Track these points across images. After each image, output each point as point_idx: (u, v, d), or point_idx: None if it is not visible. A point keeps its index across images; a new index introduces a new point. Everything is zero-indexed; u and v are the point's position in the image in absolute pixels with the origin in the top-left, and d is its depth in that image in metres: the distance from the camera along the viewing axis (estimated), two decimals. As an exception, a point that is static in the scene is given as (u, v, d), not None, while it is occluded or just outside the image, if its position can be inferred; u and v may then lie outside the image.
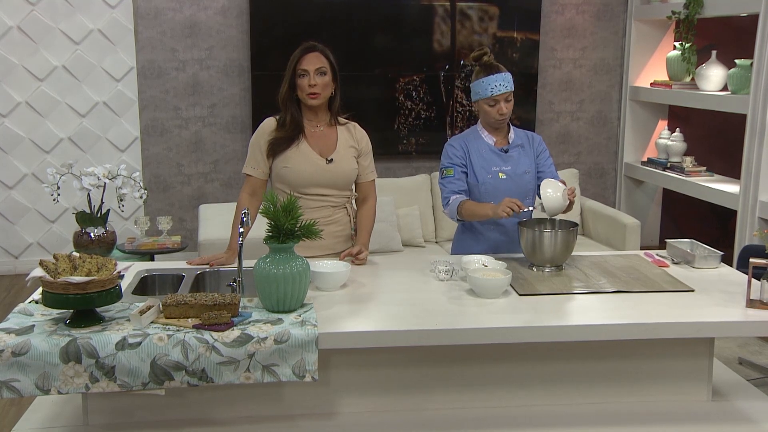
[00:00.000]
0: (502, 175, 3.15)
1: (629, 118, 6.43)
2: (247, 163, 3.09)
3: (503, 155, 3.17)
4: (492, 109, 3.09)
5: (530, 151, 3.22)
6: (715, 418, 2.57)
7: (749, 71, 4.98)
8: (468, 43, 6.02)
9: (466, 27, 6.02)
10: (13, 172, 5.74)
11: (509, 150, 3.18)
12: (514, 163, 3.17)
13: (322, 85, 2.99)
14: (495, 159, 3.17)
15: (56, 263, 2.29)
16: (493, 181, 3.14)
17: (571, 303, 2.56)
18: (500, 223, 3.16)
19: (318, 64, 2.98)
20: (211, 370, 2.17)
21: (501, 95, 3.07)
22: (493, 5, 6.00)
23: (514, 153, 3.19)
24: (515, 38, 6.13)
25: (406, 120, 6.07)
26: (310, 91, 2.99)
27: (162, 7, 5.74)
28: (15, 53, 5.59)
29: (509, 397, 2.59)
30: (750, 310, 2.50)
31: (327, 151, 3.07)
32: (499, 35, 6.09)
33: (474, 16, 6.01)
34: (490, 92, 3.07)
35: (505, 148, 3.18)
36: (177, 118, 5.91)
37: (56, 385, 2.14)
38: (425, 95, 6.07)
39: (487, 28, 6.06)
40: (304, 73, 2.98)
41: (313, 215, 2.96)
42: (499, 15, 6.04)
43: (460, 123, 6.14)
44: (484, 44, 6.03)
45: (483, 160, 3.17)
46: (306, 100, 3.01)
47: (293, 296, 2.37)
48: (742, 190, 4.96)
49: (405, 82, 6.03)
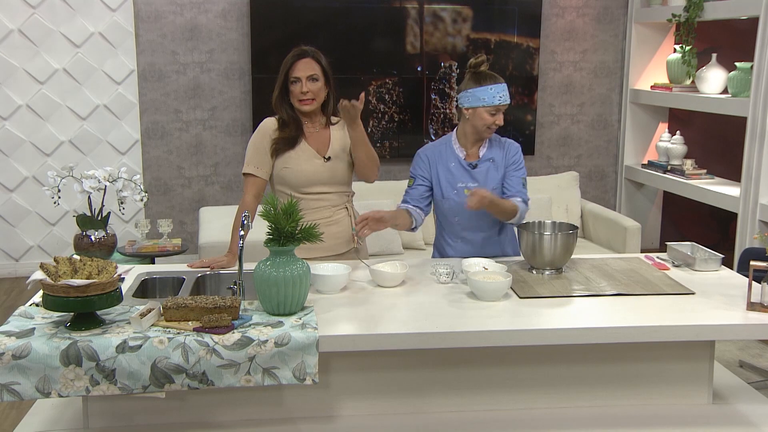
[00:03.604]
0: (468, 192, 3.02)
1: (629, 121, 6.43)
2: (248, 163, 3.07)
3: (471, 171, 3.10)
4: (491, 117, 3.02)
5: (501, 165, 3.12)
6: (715, 422, 2.56)
7: (749, 74, 4.98)
8: (442, 45, 6.00)
9: (451, 29, 6.01)
10: (13, 175, 5.74)
11: (478, 165, 3.10)
12: (482, 179, 3.08)
13: (314, 91, 3.00)
14: (462, 174, 3.10)
15: (57, 266, 2.29)
16: (458, 197, 3.07)
17: (572, 306, 2.56)
18: (466, 237, 3.15)
19: (310, 71, 2.99)
20: (212, 373, 2.17)
21: (503, 106, 3.03)
22: (467, 6, 5.99)
23: (483, 168, 3.10)
24: (515, 42, 6.13)
25: (379, 123, 6.05)
26: (303, 98, 2.99)
27: (162, 10, 5.75)
28: (16, 56, 5.59)
29: (509, 400, 2.59)
30: (750, 313, 2.50)
31: (323, 149, 3.08)
32: (497, 39, 6.10)
33: (448, 18, 6.00)
34: (497, 100, 3.00)
35: (473, 163, 3.10)
36: (177, 121, 5.92)
37: (56, 388, 2.14)
38: (398, 98, 6.05)
39: (462, 29, 6.06)
40: (296, 81, 2.99)
41: (314, 216, 2.97)
42: (473, 17, 6.01)
43: (435, 126, 6.14)
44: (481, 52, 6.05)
45: (449, 174, 3.10)
46: (299, 107, 3.02)
47: (293, 299, 2.37)
48: (742, 192, 4.96)
49: (378, 85, 6.02)
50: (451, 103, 6.13)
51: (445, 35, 6.01)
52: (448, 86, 6.10)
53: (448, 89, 6.10)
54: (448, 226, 3.17)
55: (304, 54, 3.01)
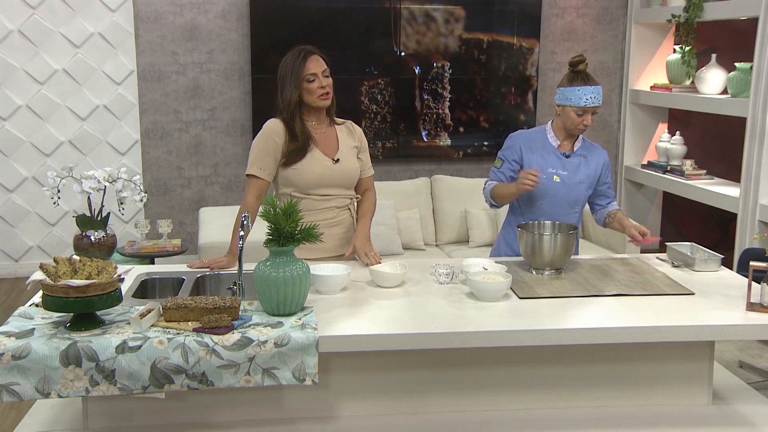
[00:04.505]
0: (557, 179, 3.17)
1: (629, 121, 6.43)
2: (252, 164, 3.05)
3: (564, 159, 3.20)
4: (578, 118, 3.11)
5: (591, 163, 3.23)
6: (715, 422, 2.56)
7: (749, 74, 4.98)
8: (435, 45, 6.00)
9: (444, 29, 6.01)
10: (13, 176, 5.74)
11: (571, 156, 3.21)
12: (573, 170, 3.20)
13: (330, 86, 3.03)
14: (554, 161, 3.20)
15: (56, 266, 2.29)
16: (547, 182, 3.16)
17: (571, 306, 2.56)
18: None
19: (323, 66, 3.01)
20: (211, 373, 2.17)
21: (592, 107, 3.10)
22: (466, 6, 6.00)
23: (575, 160, 3.21)
24: (514, 42, 6.13)
25: (371, 123, 6.05)
26: (323, 92, 3.01)
27: (162, 11, 5.75)
28: (15, 56, 5.60)
29: (509, 401, 2.59)
30: (750, 313, 2.50)
31: (332, 151, 3.08)
32: (489, 39, 6.10)
33: (439, 19, 6.01)
34: (583, 102, 3.08)
35: (567, 153, 3.21)
36: (177, 122, 5.92)
37: (56, 388, 2.14)
38: (390, 98, 6.05)
39: (454, 29, 6.07)
40: (314, 77, 2.99)
41: (317, 216, 2.97)
42: (473, 17, 6.02)
43: (428, 126, 6.14)
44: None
45: (542, 159, 3.20)
46: (317, 102, 3.02)
47: (293, 299, 2.37)
48: (742, 193, 4.96)
49: (371, 85, 6.02)
50: (444, 103, 6.14)
51: (437, 35, 6.01)
52: (440, 86, 6.10)
53: (440, 89, 6.10)
54: (529, 211, 3.23)
55: (311, 52, 3.03)
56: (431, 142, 6.19)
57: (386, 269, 2.79)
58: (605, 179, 3.30)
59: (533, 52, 6.19)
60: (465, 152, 6.26)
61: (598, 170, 3.25)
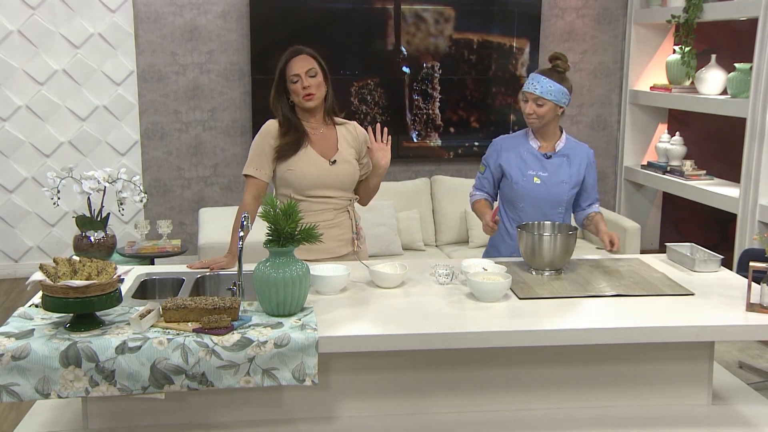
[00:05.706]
0: (537, 180, 3.18)
1: (629, 121, 6.43)
2: (248, 164, 3.07)
3: (544, 160, 3.20)
4: (524, 104, 3.16)
5: (574, 162, 3.22)
6: (715, 423, 2.56)
7: (749, 75, 4.99)
8: (425, 46, 6.00)
9: (434, 29, 6.00)
10: (13, 176, 5.74)
11: (553, 157, 3.20)
12: (553, 171, 3.19)
13: (315, 86, 3.00)
14: (534, 162, 3.20)
15: (56, 267, 2.29)
16: (527, 184, 3.18)
17: (571, 307, 2.56)
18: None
19: (307, 66, 2.99)
20: (211, 374, 2.17)
21: (530, 94, 3.12)
22: (465, 6, 5.99)
23: (557, 161, 3.20)
24: (513, 43, 6.13)
25: (361, 124, 6.04)
26: (305, 93, 2.99)
27: (162, 11, 5.75)
28: (15, 57, 5.60)
29: (509, 401, 2.59)
30: (750, 313, 2.50)
31: (329, 152, 3.07)
32: (482, 39, 6.10)
33: (431, 19, 6.01)
34: (526, 87, 3.15)
35: (548, 154, 3.21)
36: (177, 122, 5.92)
37: (56, 389, 2.14)
38: (380, 99, 6.04)
39: (444, 29, 6.06)
40: (296, 78, 2.99)
41: (316, 218, 2.97)
42: (473, 17, 6.02)
43: (418, 126, 6.13)
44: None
45: (521, 161, 3.21)
46: (302, 103, 3.02)
47: (293, 300, 2.37)
48: (741, 193, 4.96)
49: (360, 86, 6.01)
50: (434, 104, 6.13)
51: (427, 35, 6.00)
52: (430, 87, 6.09)
53: (430, 90, 6.09)
54: (513, 212, 3.24)
55: (299, 51, 3.02)
56: (421, 142, 6.17)
57: (386, 270, 2.79)
58: (588, 178, 3.27)
59: (530, 51, 6.18)
60: (456, 153, 6.24)
61: (581, 169, 3.23)
